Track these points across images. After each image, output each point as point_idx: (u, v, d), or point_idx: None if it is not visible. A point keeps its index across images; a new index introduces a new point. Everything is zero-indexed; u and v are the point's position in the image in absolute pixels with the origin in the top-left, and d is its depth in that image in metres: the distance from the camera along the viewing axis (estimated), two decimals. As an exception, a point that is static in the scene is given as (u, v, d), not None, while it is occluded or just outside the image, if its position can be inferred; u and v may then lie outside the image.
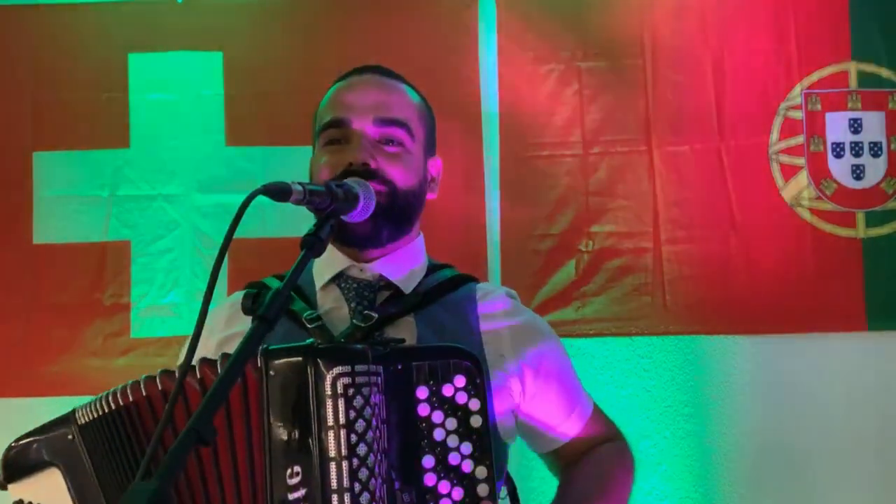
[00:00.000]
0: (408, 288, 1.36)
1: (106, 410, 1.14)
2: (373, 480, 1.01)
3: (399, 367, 1.08)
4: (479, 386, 1.09)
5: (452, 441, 1.07)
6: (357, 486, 0.99)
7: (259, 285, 1.38)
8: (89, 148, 2.69)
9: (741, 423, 2.60)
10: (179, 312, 2.66)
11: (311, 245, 1.06)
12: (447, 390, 1.08)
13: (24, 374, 2.62)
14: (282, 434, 1.02)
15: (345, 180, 1.21)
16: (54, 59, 2.70)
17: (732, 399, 2.61)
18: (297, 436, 1.01)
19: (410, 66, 1.50)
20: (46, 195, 2.69)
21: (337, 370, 1.02)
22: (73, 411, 1.18)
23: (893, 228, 2.61)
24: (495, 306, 1.39)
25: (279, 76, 2.69)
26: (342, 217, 1.16)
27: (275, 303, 0.98)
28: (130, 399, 1.13)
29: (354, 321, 1.29)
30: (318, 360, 1.03)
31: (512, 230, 2.66)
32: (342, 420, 1.00)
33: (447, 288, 1.38)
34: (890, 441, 2.57)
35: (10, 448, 1.22)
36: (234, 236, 0.97)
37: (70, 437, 1.16)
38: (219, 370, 1.07)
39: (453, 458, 1.07)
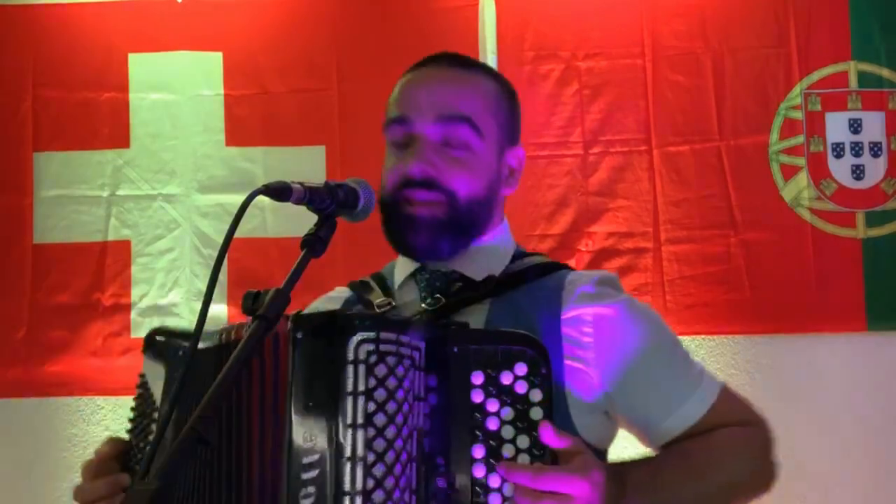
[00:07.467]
0: (482, 276, 1.31)
1: (220, 342, 1.12)
2: (390, 452, 0.97)
3: (455, 349, 1.04)
4: (544, 376, 1.02)
5: (507, 432, 1.01)
6: (371, 456, 0.96)
7: (359, 284, 1.36)
8: (89, 148, 2.69)
9: (741, 423, 2.59)
10: (179, 312, 2.66)
11: (312, 245, 1.05)
12: (505, 378, 1.02)
13: (24, 374, 2.62)
14: (302, 399, 0.99)
15: (345, 181, 1.20)
16: (54, 59, 2.71)
17: (732, 399, 2.60)
18: (316, 401, 0.99)
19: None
20: (46, 195, 2.69)
21: (361, 335, 0.98)
22: (219, 333, 1.14)
23: (893, 228, 2.61)
24: (581, 290, 1.26)
25: (279, 76, 2.69)
26: (345, 219, 1.15)
27: (275, 302, 0.98)
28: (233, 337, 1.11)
29: (423, 305, 1.26)
30: (344, 324, 1.00)
31: (512, 230, 2.64)
32: (361, 387, 0.97)
33: (533, 274, 1.32)
34: (890, 441, 2.56)
35: (158, 330, 1.25)
36: (234, 236, 0.97)
37: (180, 353, 1.18)
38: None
39: (507, 451, 1.01)
